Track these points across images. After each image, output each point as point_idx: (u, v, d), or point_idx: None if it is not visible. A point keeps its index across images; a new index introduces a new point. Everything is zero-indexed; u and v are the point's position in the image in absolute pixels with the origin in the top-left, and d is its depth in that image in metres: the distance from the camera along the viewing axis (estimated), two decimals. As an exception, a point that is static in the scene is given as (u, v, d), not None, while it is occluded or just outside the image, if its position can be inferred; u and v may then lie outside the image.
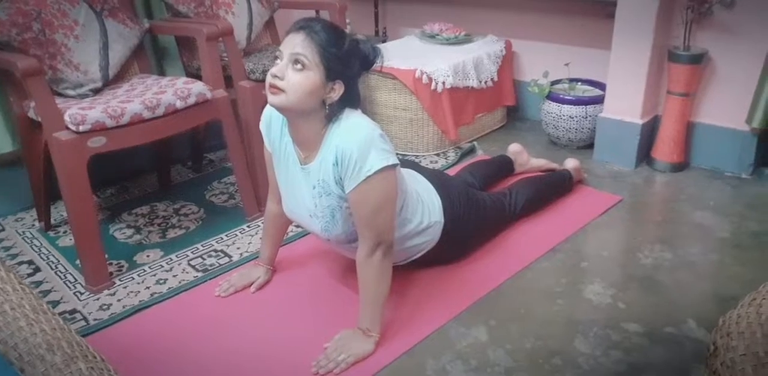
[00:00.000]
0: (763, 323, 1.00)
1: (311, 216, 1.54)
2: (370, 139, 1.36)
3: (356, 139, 1.36)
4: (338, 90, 1.37)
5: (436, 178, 1.77)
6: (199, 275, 1.86)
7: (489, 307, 1.67)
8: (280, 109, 1.38)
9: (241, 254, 1.96)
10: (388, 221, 1.46)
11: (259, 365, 1.49)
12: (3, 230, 2.17)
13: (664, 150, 2.37)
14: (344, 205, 1.46)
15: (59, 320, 1.16)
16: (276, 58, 1.36)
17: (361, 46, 1.39)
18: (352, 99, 1.41)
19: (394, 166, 1.40)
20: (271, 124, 1.55)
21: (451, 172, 2.27)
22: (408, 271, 1.77)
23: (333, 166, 1.40)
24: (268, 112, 1.55)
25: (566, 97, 2.53)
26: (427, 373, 1.46)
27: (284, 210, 1.64)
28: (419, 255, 1.72)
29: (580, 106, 2.50)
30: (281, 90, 1.33)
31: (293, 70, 1.32)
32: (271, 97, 1.35)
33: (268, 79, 1.34)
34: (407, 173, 1.69)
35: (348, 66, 1.36)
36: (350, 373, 1.45)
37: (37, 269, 1.92)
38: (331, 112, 1.39)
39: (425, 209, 1.64)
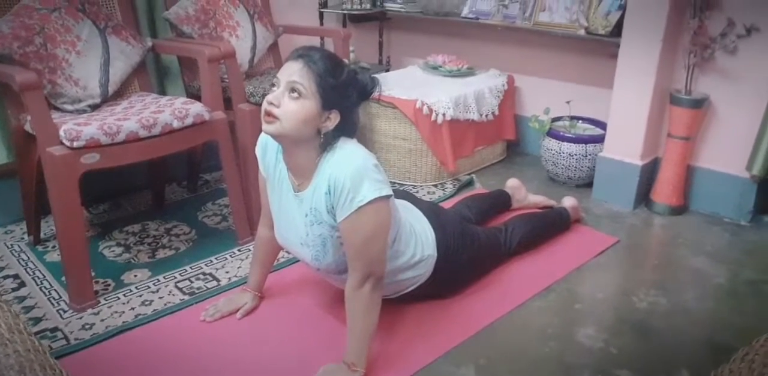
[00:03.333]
0: (756, 380, 0.97)
1: (302, 244, 1.52)
2: (363, 169, 1.35)
3: (349, 169, 1.35)
4: (334, 119, 1.37)
5: (430, 210, 1.76)
6: (186, 298, 1.82)
7: (479, 345, 1.63)
8: (275, 136, 1.38)
9: (229, 279, 1.93)
10: (380, 253, 1.43)
11: (238, 396, 1.45)
12: (-9, 241, 2.15)
13: (663, 193, 2.36)
14: (335, 234, 1.44)
15: (35, 340, 1.13)
16: (273, 85, 1.35)
17: (359, 77, 1.39)
18: (348, 128, 1.41)
19: (387, 197, 1.39)
20: (267, 149, 1.54)
21: (448, 204, 2.25)
22: (398, 305, 1.74)
23: (325, 195, 1.38)
24: (264, 137, 1.54)
25: (566, 135, 2.53)
26: (412, 412, 1.42)
27: (276, 236, 1.62)
28: (410, 289, 1.68)
29: (580, 145, 2.50)
30: (276, 118, 1.32)
31: (289, 98, 1.32)
32: (265, 126, 1.35)
33: (264, 105, 1.34)
34: (401, 205, 1.67)
35: (345, 96, 1.36)
36: (332, 408, 1.41)
37: (22, 284, 1.89)
38: (326, 141, 1.39)
39: (418, 242, 1.62)
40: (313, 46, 1.38)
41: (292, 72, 1.32)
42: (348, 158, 1.37)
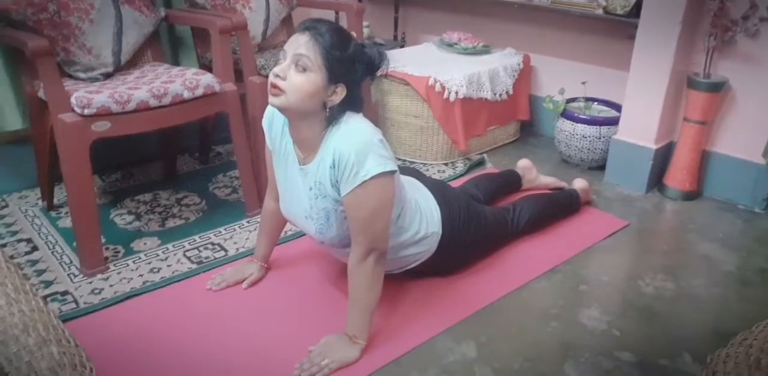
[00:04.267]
0: (751, 364, 0.98)
1: (306, 217, 1.52)
2: (368, 143, 1.35)
3: (354, 143, 1.34)
4: (340, 93, 1.36)
5: (437, 188, 1.75)
6: (194, 266, 1.85)
7: (481, 323, 1.64)
8: (281, 109, 1.38)
9: (237, 249, 1.95)
10: (383, 228, 1.44)
11: (241, 363, 1.48)
12: (6, 206, 2.19)
13: (677, 177, 2.33)
14: (339, 208, 1.45)
15: (39, 301, 1.15)
16: (279, 57, 1.35)
17: (367, 51, 1.38)
18: (354, 103, 1.40)
19: (391, 172, 1.38)
20: (273, 122, 1.54)
21: (458, 183, 2.24)
22: (402, 280, 1.75)
23: (330, 168, 1.38)
24: (271, 110, 1.54)
25: (581, 116, 2.50)
26: (410, 386, 1.43)
27: (281, 209, 1.63)
28: (414, 265, 1.69)
29: (594, 127, 2.47)
30: (282, 91, 1.32)
31: (295, 71, 1.32)
32: (271, 98, 1.35)
33: (271, 78, 1.33)
34: (408, 182, 1.67)
35: (351, 70, 1.35)
36: (332, 379, 1.43)
37: (35, 248, 1.93)
38: (332, 115, 1.38)
39: (423, 219, 1.62)
40: (320, 18, 1.37)
41: (299, 45, 1.31)
42: (353, 133, 1.37)
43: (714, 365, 1.02)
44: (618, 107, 2.51)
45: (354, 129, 1.38)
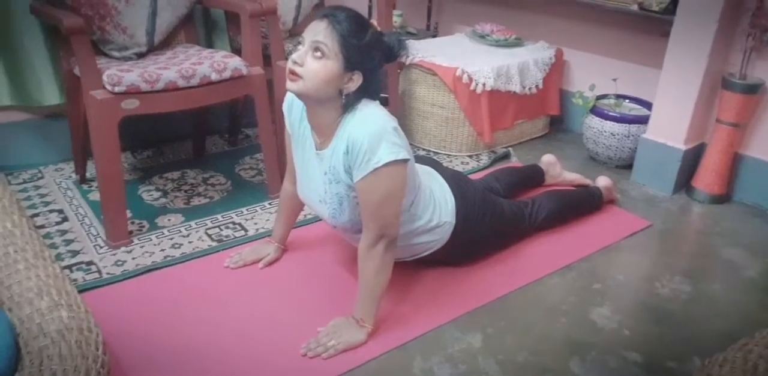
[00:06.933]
0: (747, 369, 0.96)
1: (321, 201, 1.55)
2: (382, 131, 1.36)
3: (368, 130, 1.36)
4: (356, 81, 1.37)
5: (454, 178, 1.75)
6: (214, 244, 1.90)
7: (489, 315, 1.64)
8: (298, 95, 1.40)
9: (257, 230, 1.99)
10: (393, 215, 1.45)
11: (250, 340, 1.52)
12: (42, 177, 2.28)
13: (706, 180, 2.28)
14: (352, 194, 1.47)
15: (57, 268, 1.21)
16: (299, 43, 1.37)
17: (385, 39, 1.39)
18: (371, 90, 1.41)
19: (404, 161, 1.39)
20: (293, 107, 1.57)
21: (479, 175, 2.24)
22: (413, 268, 1.76)
23: (344, 154, 1.40)
24: (291, 95, 1.56)
25: (610, 114, 2.46)
26: (414, 371, 1.45)
27: (298, 192, 1.65)
28: (426, 254, 1.70)
29: (624, 124, 2.43)
30: (299, 76, 1.34)
31: (313, 57, 1.33)
32: (289, 84, 1.36)
33: (289, 64, 1.35)
34: (424, 170, 1.68)
35: (368, 57, 1.36)
36: (337, 360, 1.46)
37: (66, 219, 2.01)
38: (348, 102, 1.40)
39: (437, 208, 1.63)
40: (340, 5, 1.38)
41: (317, 31, 1.33)
42: (368, 120, 1.38)
43: (710, 367, 1.01)
44: (649, 106, 2.46)
45: (369, 116, 1.39)
